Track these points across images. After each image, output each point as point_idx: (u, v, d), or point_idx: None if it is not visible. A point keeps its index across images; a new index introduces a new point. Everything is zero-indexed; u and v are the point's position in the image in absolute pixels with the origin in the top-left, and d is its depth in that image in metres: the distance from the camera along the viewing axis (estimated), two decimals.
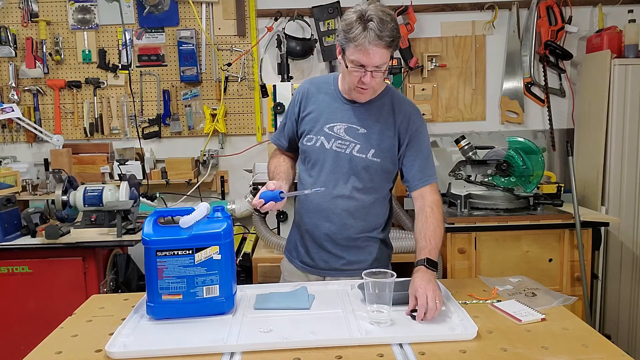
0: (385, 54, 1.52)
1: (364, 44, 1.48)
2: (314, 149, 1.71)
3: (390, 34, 1.49)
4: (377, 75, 1.56)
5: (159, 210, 1.45)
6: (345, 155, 1.67)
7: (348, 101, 1.70)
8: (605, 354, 1.18)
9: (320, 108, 1.73)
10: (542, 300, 1.48)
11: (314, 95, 1.75)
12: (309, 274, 1.80)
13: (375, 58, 1.51)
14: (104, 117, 3.18)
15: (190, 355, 1.19)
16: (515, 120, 3.23)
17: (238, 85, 3.18)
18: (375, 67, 1.53)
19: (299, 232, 1.82)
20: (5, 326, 2.44)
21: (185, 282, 1.37)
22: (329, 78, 1.79)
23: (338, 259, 1.74)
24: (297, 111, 1.78)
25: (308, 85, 1.78)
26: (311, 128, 1.72)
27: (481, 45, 3.19)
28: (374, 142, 1.67)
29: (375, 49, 1.49)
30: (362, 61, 1.52)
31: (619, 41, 2.91)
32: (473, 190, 2.77)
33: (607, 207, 2.87)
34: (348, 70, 1.56)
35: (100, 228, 2.47)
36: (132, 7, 3.12)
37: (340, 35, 1.55)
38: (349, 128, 1.68)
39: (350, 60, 1.54)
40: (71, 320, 1.45)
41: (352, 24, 1.51)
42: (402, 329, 1.30)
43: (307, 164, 1.75)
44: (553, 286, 2.41)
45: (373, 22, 1.48)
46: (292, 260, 1.84)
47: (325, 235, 1.73)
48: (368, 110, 1.69)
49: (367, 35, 1.48)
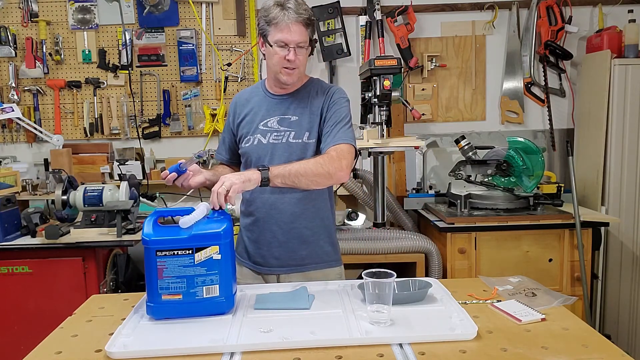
0: (304, 32, 1.66)
1: (284, 20, 1.63)
2: (252, 148, 1.77)
3: (307, 13, 1.66)
4: (301, 52, 1.67)
5: (159, 210, 1.45)
6: (282, 144, 1.73)
7: (277, 96, 1.79)
8: (605, 354, 1.18)
9: (253, 110, 1.81)
10: (542, 300, 1.48)
11: (245, 102, 1.85)
12: (263, 274, 1.81)
13: (296, 35, 1.64)
14: (104, 117, 3.18)
15: (190, 355, 1.19)
16: (515, 120, 3.23)
17: (238, 85, 3.18)
18: (296, 45, 1.65)
19: (247, 234, 1.83)
20: (5, 326, 2.44)
21: (185, 282, 1.37)
22: (256, 85, 1.90)
23: (289, 256, 1.76)
24: (231, 121, 1.87)
25: (237, 97, 1.89)
26: (248, 130, 1.79)
27: (481, 45, 3.19)
28: (306, 125, 1.73)
29: (295, 26, 1.64)
30: (285, 39, 1.64)
31: (619, 41, 2.91)
32: (473, 190, 2.77)
33: (607, 207, 2.87)
34: (273, 50, 1.67)
35: (100, 228, 2.47)
36: (132, 7, 3.12)
37: (261, 23, 1.69)
38: (282, 119, 1.76)
39: (274, 41, 1.66)
40: (71, 320, 1.45)
41: (270, 8, 1.66)
42: (402, 329, 1.30)
43: (249, 165, 1.78)
44: (553, 286, 2.41)
45: (290, 3, 1.64)
46: (243, 262, 1.84)
47: (272, 232, 1.75)
48: (297, 98, 1.77)
49: (286, 14, 1.63)
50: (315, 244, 1.79)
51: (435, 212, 2.77)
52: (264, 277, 1.82)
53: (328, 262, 1.82)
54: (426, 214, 2.83)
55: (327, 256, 1.82)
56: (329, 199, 1.83)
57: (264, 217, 1.76)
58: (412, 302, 1.46)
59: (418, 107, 3.12)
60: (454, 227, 2.54)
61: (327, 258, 1.82)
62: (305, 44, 1.67)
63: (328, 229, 1.82)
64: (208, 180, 1.73)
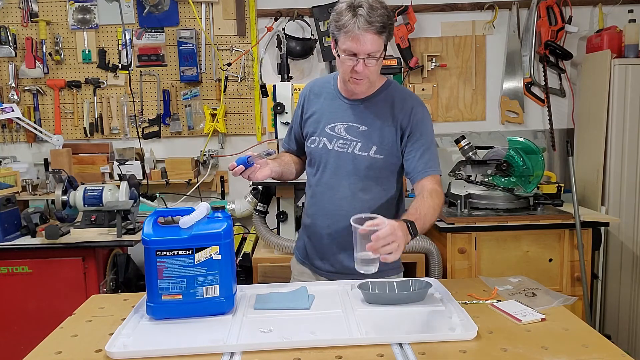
0: (376, 41, 1.51)
1: (354, 30, 1.48)
2: (317, 150, 1.71)
3: (381, 20, 1.49)
4: (371, 63, 1.54)
5: (159, 210, 1.45)
6: (348, 154, 1.66)
7: (348, 100, 1.70)
8: (605, 354, 1.18)
9: (321, 109, 1.73)
10: (542, 300, 1.48)
11: (315, 96, 1.76)
12: (317, 275, 1.80)
13: (366, 45, 1.50)
14: (104, 117, 3.18)
15: (190, 355, 1.19)
16: (515, 120, 3.23)
17: (238, 85, 3.18)
18: (367, 55, 1.52)
19: (307, 234, 1.81)
20: (5, 326, 2.44)
21: (185, 282, 1.37)
22: (329, 78, 1.79)
23: (344, 263, 1.71)
24: (300, 114, 1.79)
25: (310, 87, 1.79)
26: (314, 130, 1.73)
27: (481, 45, 3.19)
28: (375, 139, 1.65)
29: (366, 35, 1.49)
30: (353, 49, 1.51)
31: (619, 41, 2.91)
32: (473, 190, 2.77)
33: (607, 207, 2.86)
34: (341, 59, 1.56)
35: (100, 228, 2.48)
36: (132, 7, 3.12)
37: (332, 26, 1.56)
38: (350, 127, 1.67)
39: (342, 49, 1.54)
40: (71, 320, 1.45)
41: (342, 12, 1.51)
42: (402, 329, 1.30)
43: (313, 166, 1.76)
44: (553, 286, 2.41)
45: (362, 9, 1.48)
46: (303, 261, 1.84)
47: (330, 238, 1.72)
48: (368, 107, 1.68)
49: (356, 22, 1.48)
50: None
51: None
52: (318, 277, 1.79)
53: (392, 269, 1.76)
54: None
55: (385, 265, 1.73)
56: (393, 208, 1.74)
57: (322, 223, 1.72)
58: (412, 302, 1.46)
59: None
60: (454, 227, 2.54)
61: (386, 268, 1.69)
62: (377, 53, 1.53)
63: None
64: (274, 172, 1.69)
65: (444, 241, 2.56)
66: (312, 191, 1.77)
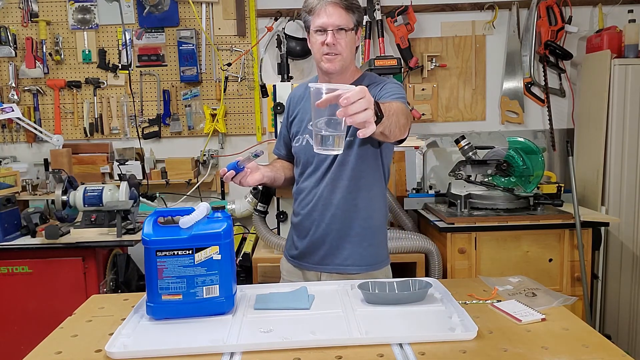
0: (344, 15, 1.57)
1: (321, 5, 1.57)
2: (301, 148, 1.76)
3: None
4: (340, 36, 1.59)
5: (159, 210, 1.45)
6: None
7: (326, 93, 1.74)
8: (606, 354, 1.18)
9: (303, 108, 1.77)
10: (542, 300, 1.48)
11: (298, 99, 1.82)
12: (305, 270, 1.81)
13: (333, 17, 1.56)
14: (104, 117, 3.18)
15: (190, 355, 1.19)
16: (515, 120, 3.23)
17: (238, 85, 3.18)
18: (336, 28, 1.57)
19: (295, 230, 1.84)
20: (5, 326, 2.44)
21: (185, 282, 1.37)
22: (310, 80, 1.84)
23: (333, 256, 1.75)
24: (286, 117, 1.84)
25: (293, 91, 1.85)
26: (298, 129, 1.77)
27: (481, 45, 3.19)
28: (354, 129, 1.65)
29: (332, 8, 1.56)
30: (323, 23, 1.58)
31: (619, 41, 2.91)
32: (473, 190, 2.77)
33: (607, 207, 2.87)
34: (312, 41, 1.61)
35: (100, 228, 2.48)
36: (132, 7, 3.12)
37: (303, 16, 1.63)
38: (329, 120, 1.70)
39: (313, 30, 1.60)
40: (71, 320, 1.45)
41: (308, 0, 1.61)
42: (402, 329, 1.30)
43: (299, 165, 1.79)
44: (553, 286, 2.41)
45: None
46: (290, 259, 1.87)
47: (318, 232, 1.75)
48: None
49: (321, 0, 1.57)
50: (359, 245, 1.74)
51: (435, 212, 2.77)
52: (305, 274, 1.81)
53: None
54: (426, 214, 2.83)
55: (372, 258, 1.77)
56: (380, 203, 1.77)
57: (309, 217, 1.75)
58: (412, 302, 1.46)
59: (418, 107, 3.12)
60: (454, 227, 2.54)
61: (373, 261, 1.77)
62: (346, 27, 1.58)
63: (375, 232, 1.77)
64: (266, 177, 1.71)
65: (444, 241, 2.56)
66: (299, 189, 1.81)
